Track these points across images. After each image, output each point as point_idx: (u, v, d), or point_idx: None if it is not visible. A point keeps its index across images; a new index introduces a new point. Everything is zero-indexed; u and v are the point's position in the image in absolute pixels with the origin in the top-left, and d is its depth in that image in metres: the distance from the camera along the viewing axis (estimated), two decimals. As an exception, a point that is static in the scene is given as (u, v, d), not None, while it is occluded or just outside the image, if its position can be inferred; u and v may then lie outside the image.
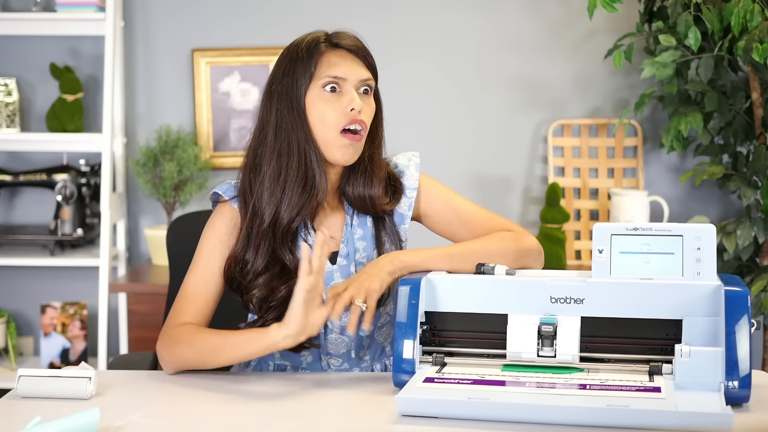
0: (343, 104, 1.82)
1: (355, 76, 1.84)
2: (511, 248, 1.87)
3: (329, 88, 1.82)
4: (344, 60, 1.84)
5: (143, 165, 3.53)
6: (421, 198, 1.96)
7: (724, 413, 1.41)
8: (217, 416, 1.56)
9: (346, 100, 1.82)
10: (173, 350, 1.79)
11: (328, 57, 1.83)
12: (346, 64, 1.83)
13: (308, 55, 1.82)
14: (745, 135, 3.29)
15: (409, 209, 1.93)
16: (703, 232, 1.63)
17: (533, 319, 1.66)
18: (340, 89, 1.83)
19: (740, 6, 2.95)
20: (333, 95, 1.82)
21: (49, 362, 3.58)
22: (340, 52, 1.84)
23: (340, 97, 1.82)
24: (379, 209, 1.90)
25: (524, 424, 1.46)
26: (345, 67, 1.83)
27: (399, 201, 1.93)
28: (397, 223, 1.93)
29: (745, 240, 3.17)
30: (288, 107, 1.83)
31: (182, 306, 1.85)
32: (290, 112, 1.82)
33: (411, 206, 1.94)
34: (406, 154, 2.00)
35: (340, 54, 1.84)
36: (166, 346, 1.81)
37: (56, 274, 3.70)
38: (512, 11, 3.62)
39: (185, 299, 1.85)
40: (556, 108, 3.64)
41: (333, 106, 1.82)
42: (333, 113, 1.82)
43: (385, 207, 1.90)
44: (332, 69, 1.82)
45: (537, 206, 3.66)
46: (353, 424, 1.51)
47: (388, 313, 1.93)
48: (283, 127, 1.83)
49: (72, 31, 3.59)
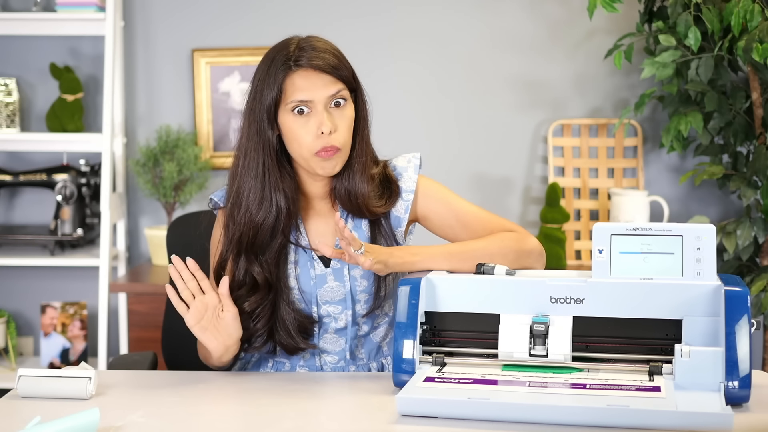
0: (313, 126, 1.80)
1: (322, 96, 1.80)
2: (512, 248, 1.86)
3: (297, 111, 1.80)
4: (309, 80, 1.80)
5: (143, 165, 3.53)
6: (419, 200, 1.94)
7: (724, 413, 1.41)
8: (217, 416, 1.56)
9: (315, 123, 1.80)
10: None
11: (293, 79, 1.80)
12: (310, 84, 1.80)
13: (274, 79, 1.80)
14: (745, 135, 3.29)
15: (405, 212, 1.92)
16: (703, 232, 1.63)
17: (525, 318, 1.66)
18: (309, 110, 1.80)
19: (740, 6, 2.95)
20: (303, 117, 1.80)
21: (49, 362, 3.58)
22: (305, 72, 1.80)
23: (310, 118, 1.80)
24: (370, 210, 1.88)
25: (524, 424, 1.46)
26: (310, 89, 1.80)
27: (394, 204, 1.91)
28: (394, 226, 1.92)
29: (745, 240, 3.17)
30: (258, 129, 1.83)
31: None
32: (259, 136, 1.83)
33: (408, 209, 1.92)
34: (406, 156, 1.99)
35: (305, 74, 1.80)
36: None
37: (56, 274, 3.70)
38: (512, 11, 3.62)
39: None
40: (556, 108, 3.64)
41: (305, 128, 1.80)
42: (306, 135, 1.80)
43: (377, 209, 1.89)
44: (297, 93, 1.79)
45: (537, 206, 3.66)
46: (353, 424, 1.51)
47: (386, 313, 1.93)
48: (253, 148, 1.83)
49: (72, 31, 3.59)
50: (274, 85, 1.79)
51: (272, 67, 1.81)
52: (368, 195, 1.87)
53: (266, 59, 1.84)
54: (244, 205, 1.83)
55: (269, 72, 1.81)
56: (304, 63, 1.79)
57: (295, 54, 1.80)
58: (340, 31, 3.61)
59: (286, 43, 1.84)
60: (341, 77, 1.83)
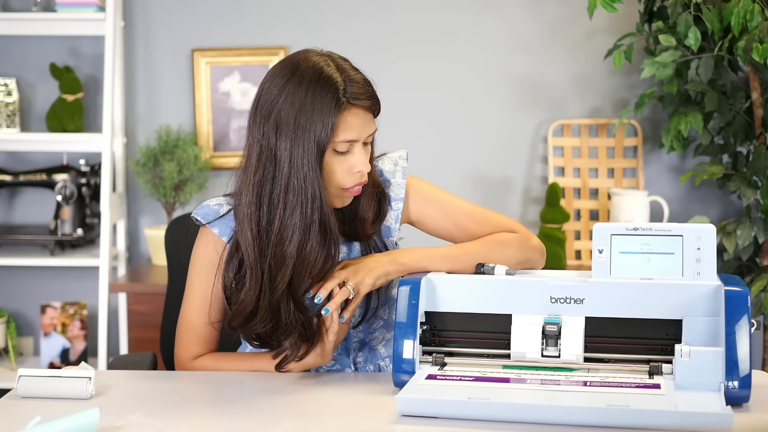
0: (349, 164, 1.74)
1: (365, 134, 1.76)
2: (513, 250, 1.86)
3: (340, 150, 1.73)
4: (359, 119, 1.73)
5: (143, 165, 3.53)
6: (410, 204, 1.92)
7: (724, 413, 1.41)
8: (217, 416, 1.56)
9: (352, 161, 1.74)
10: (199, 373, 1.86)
11: (345, 117, 1.72)
12: (360, 124, 1.74)
13: (327, 116, 1.70)
14: (745, 135, 3.29)
15: (396, 221, 1.89)
16: (703, 232, 1.63)
17: (537, 319, 1.66)
18: (350, 149, 1.75)
19: (740, 6, 2.95)
20: (342, 155, 1.74)
21: (49, 362, 3.58)
22: (357, 111, 1.73)
23: (348, 156, 1.74)
24: (366, 233, 1.85)
25: (525, 424, 1.46)
26: (359, 129, 1.74)
27: (384, 218, 1.88)
28: (385, 236, 1.90)
29: (745, 240, 3.16)
30: (304, 152, 1.70)
31: (190, 339, 1.89)
32: (305, 159, 1.70)
33: (398, 218, 1.89)
34: (392, 157, 1.93)
35: (356, 113, 1.73)
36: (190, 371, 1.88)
37: (56, 274, 3.70)
38: (512, 11, 3.62)
39: (192, 331, 1.89)
40: (556, 108, 3.64)
41: (341, 166, 1.74)
42: (340, 171, 1.74)
43: (370, 231, 1.86)
44: (348, 132, 1.72)
45: (537, 206, 3.66)
46: (353, 424, 1.51)
47: (382, 317, 1.92)
48: (298, 169, 1.71)
49: (72, 31, 3.59)
50: (329, 119, 1.69)
51: (319, 98, 1.70)
52: (368, 221, 1.85)
53: (305, 86, 1.71)
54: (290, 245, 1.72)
55: (316, 104, 1.69)
56: (356, 101, 1.72)
57: (344, 88, 1.71)
58: (340, 31, 3.61)
59: (326, 72, 1.72)
60: (377, 114, 1.79)
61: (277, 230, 1.73)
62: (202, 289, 1.85)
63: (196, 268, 1.87)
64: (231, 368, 1.85)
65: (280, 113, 1.71)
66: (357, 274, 1.77)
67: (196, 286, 1.86)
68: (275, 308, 1.76)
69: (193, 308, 1.87)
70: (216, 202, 1.88)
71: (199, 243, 1.88)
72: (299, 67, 1.73)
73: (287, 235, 1.72)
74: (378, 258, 1.81)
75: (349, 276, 1.76)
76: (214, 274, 1.84)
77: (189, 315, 1.88)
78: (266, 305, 1.76)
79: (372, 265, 1.79)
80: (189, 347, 1.89)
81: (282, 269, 1.73)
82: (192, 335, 1.88)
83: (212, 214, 1.86)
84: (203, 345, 1.89)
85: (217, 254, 1.83)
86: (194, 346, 1.89)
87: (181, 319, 1.90)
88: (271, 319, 1.77)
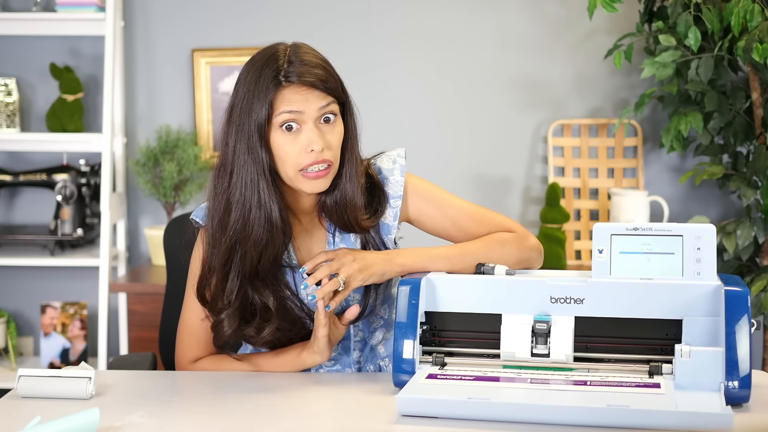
0: (302, 143, 1.73)
1: (312, 109, 1.73)
2: (511, 250, 1.85)
3: (286, 127, 1.72)
4: (300, 95, 1.72)
5: (143, 165, 3.53)
6: (408, 203, 1.91)
7: (724, 413, 1.41)
8: (217, 416, 1.56)
9: (303, 139, 1.73)
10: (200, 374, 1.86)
11: (283, 94, 1.72)
12: (301, 99, 1.72)
13: (264, 95, 1.71)
14: (745, 135, 3.29)
15: (394, 219, 1.88)
16: (703, 232, 1.63)
17: (527, 318, 1.66)
18: (299, 126, 1.73)
19: (740, 6, 2.95)
20: (291, 134, 1.73)
21: (49, 362, 3.58)
22: (296, 87, 1.72)
23: (298, 135, 1.73)
24: (360, 225, 1.84)
25: (524, 424, 1.46)
26: (302, 103, 1.72)
27: (382, 215, 1.87)
28: (383, 234, 1.88)
29: (745, 240, 3.17)
30: (248, 147, 1.73)
31: (190, 342, 1.89)
32: (251, 153, 1.73)
33: (396, 215, 1.88)
34: (390, 155, 1.92)
35: (295, 89, 1.72)
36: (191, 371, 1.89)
37: (56, 274, 3.70)
38: (512, 11, 3.62)
39: (192, 335, 1.88)
40: (556, 108, 3.64)
41: (292, 145, 1.73)
42: (292, 152, 1.73)
43: (366, 224, 1.84)
44: (286, 105, 1.72)
45: (537, 206, 3.66)
46: (353, 424, 1.51)
47: (382, 317, 1.91)
48: (241, 165, 1.74)
49: (72, 31, 3.59)
50: (265, 100, 1.71)
51: (261, 81, 1.72)
52: (358, 209, 1.82)
53: (253, 70, 1.74)
54: (238, 226, 1.75)
55: (258, 86, 1.72)
56: (294, 78, 1.71)
57: (284, 68, 1.72)
58: (340, 30, 3.61)
59: (273, 55, 1.74)
60: (330, 91, 1.75)
61: (224, 209, 1.76)
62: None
63: (194, 270, 1.87)
64: (232, 369, 1.85)
65: (231, 102, 1.76)
66: (350, 267, 1.76)
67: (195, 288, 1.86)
68: (243, 298, 1.78)
69: (192, 311, 1.87)
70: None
71: (198, 245, 1.88)
72: (255, 56, 1.78)
73: (233, 214, 1.75)
74: (377, 256, 1.80)
75: (341, 267, 1.76)
76: None
77: (188, 318, 1.88)
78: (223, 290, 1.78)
79: (369, 261, 1.78)
80: (189, 350, 1.89)
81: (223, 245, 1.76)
82: (192, 338, 1.88)
83: None
84: (203, 347, 1.89)
85: None
86: (195, 348, 1.89)
87: (181, 323, 1.90)
88: (240, 314, 1.79)
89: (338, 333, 1.81)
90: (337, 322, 1.80)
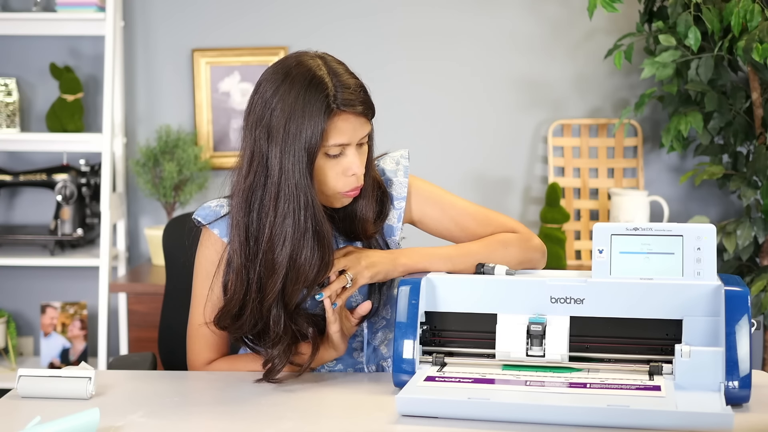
0: (342, 167, 1.73)
1: (357, 137, 1.73)
2: (514, 250, 1.86)
3: (332, 153, 1.72)
4: (350, 124, 1.71)
5: (143, 165, 3.53)
6: (412, 204, 1.91)
7: (724, 413, 1.41)
8: (217, 416, 1.56)
9: (345, 164, 1.73)
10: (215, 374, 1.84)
11: (336, 123, 1.69)
12: (351, 128, 1.71)
13: (316, 122, 1.67)
14: (745, 135, 3.29)
15: (398, 220, 1.88)
16: (703, 232, 1.63)
17: (523, 318, 1.66)
18: (343, 152, 1.73)
19: (740, 6, 2.95)
20: (334, 159, 1.73)
21: (49, 362, 3.58)
22: (348, 116, 1.70)
23: (340, 159, 1.73)
24: (366, 234, 1.84)
25: (524, 425, 1.46)
26: (351, 133, 1.72)
27: (386, 218, 1.87)
28: (387, 235, 1.89)
29: (745, 240, 3.17)
30: (295, 160, 1.68)
31: (201, 345, 1.87)
32: (297, 167, 1.68)
33: (400, 217, 1.88)
34: (394, 156, 1.93)
35: (347, 118, 1.70)
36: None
37: (56, 274, 3.70)
38: (513, 11, 3.62)
39: (202, 338, 1.86)
40: (556, 108, 3.64)
41: (334, 169, 1.73)
42: (333, 175, 1.73)
43: (371, 232, 1.84)
44: (339, 137, 1.70)
45: (537, 206, 3.66)
46: (353, 424, 1.51)
47: (384, 317, 1.91)
48: (289, 176, 1.69)
49: (72, 31, 3.59)
50: (317, 127, 1.67)
51: (310, 105, 1.67)
52: (368, 222, 1.83)
53: (295, 90, 1.69)
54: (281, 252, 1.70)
55: (307, 110, 1.67)
56: (345, 107, 1.69)
57: (333, 94, 1.69)
58: (340, 30, 3.61)
59: (316, 77, 1.70)
60: (371, 116, 1.76)
61: (268, 238, 1.71)
62: (208, 293, 1.83)
63: (200, 271, 1.85)
64: (246, 369, 1.83)
65: (271, 119, 1.70)
66: (358, 264, 1.77)
67: (202, 291, 1.84)
68: (265, 314, 1.75)
69: (200, 313, 1.84)
70: (217, 203, 1.87)
71: (201, 246, 1.86)
72: (291, 71, 1.72)
73: (278, 243, 1.70)
74: (381, 255, 1.80)
75: (349, 264, 1.77)
76: (217, 276, 1.82)
77: (198, 320, 1.85)
78: (253, 310, 1.74)
79: (374, 259, 1.79)
80: (201, 353, 1.87)
81: (273, 277, 1.72)
82: (203, 341, 1.86)
83: (213, 215, 1.85)
84: (215, 349, 1.87)
85: (218, 255, 1.82)
86: (206, 351, 1.87)
87: (191, 326, 1.88)
88: (255, 325, 1.76)
89: (350, 326, 1.81)
90: (349, 316, 1.80)
